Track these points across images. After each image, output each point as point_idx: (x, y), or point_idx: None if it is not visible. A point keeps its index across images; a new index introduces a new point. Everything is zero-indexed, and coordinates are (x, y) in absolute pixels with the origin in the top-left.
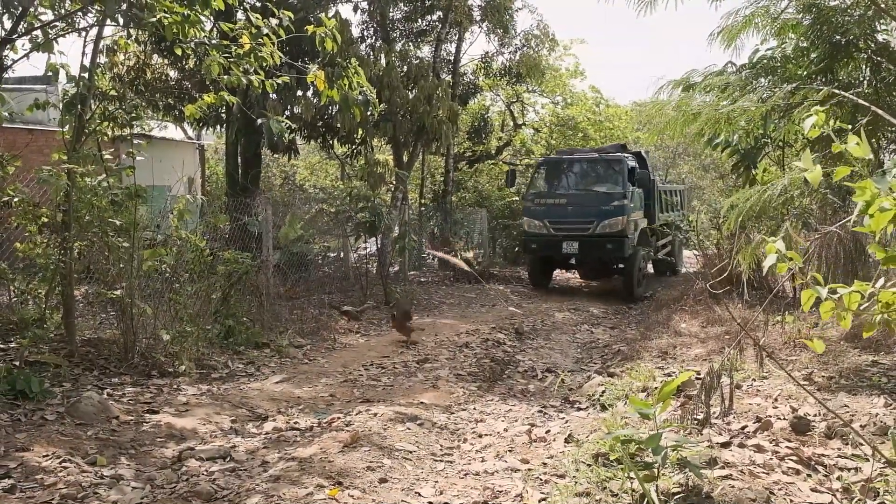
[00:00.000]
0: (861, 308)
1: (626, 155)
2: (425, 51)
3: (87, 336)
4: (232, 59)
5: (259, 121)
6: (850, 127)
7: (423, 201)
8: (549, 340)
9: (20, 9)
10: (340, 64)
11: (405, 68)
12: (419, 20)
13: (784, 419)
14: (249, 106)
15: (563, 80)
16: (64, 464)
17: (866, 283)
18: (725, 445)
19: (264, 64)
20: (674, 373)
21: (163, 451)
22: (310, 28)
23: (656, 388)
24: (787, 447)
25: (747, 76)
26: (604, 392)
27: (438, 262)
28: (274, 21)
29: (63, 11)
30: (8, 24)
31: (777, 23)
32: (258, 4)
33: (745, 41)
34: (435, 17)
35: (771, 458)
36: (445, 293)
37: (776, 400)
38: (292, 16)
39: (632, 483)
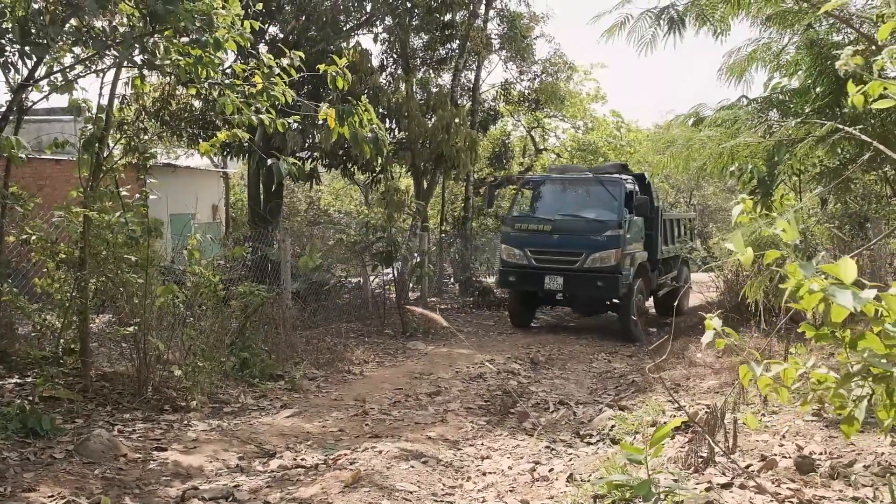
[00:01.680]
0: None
1: (624, 177)
2: (445, 78)
3: (103, 370)
4: (243, 100)
5: (269, 161)
6: (850, 162)
7: (443, 227)
8: (565, 370)
9: (34, 58)
10: (350, 101)
11: (425, 96)
12: (439, 48)
13: (789, 458)
14: (270, 137)
15: (583, 104)
16: None
17: (800, 359)
18: (727, 486)
19: (277, 102)
20: (684, 406)
21: (167, 491)
22: (321, 67)
23: (665, 422)
24: (788, 489)
25: (755, 109)
26: (613, 427)
27: (459, 288)
28: (286, 61)
29: (80, 55)
30: (25, 71)
31: (779, 59)
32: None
33: (755, 75)
34: (454, 46)
35: (771, 501)
36: (464, 321)
37: (783, 437)
38: (303, 55)
39: None
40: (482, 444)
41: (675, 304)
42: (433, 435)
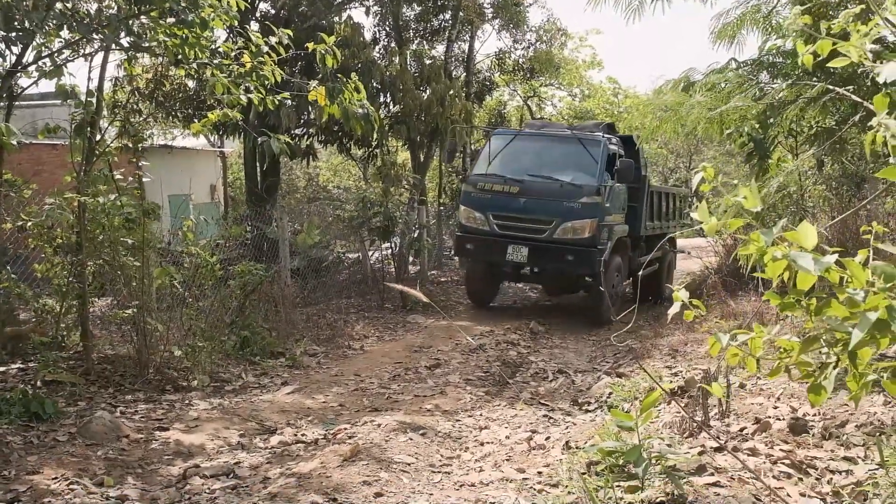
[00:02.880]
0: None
1: (607, 136)
2: (439, 50)
3: (105, 353)
4: (232, 80)
5: (260, 140)
6: (840, 124)
7: (441, 200)
8: (564, 339)
9: (20, 45)
10: (341, 79)
11: (419, 68)
12: (432, 19)
13: (783, 420)
14: (265, 115)
15: (579, 72)
16: (72, 486)
17: (766, 327)
18: (719, 450)
19: (267, 81)
20: (681, 372)
21: (169, 470)
22: (310, 45)
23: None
24: (781, 450)
25: (746, 73)
26: (611, 394)
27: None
28: (274, 39)
29: (68, 40)
30: (12, 58)
31: (770, 21)
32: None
33: (746, 37)
34: (447, 17)
35: (764, 462)
36: (464, 293)
37: (778, 399)
38: (291, 34)
39: (619, 493)
40: (481, 414)
41: (657, 287)
42: (431, 407)
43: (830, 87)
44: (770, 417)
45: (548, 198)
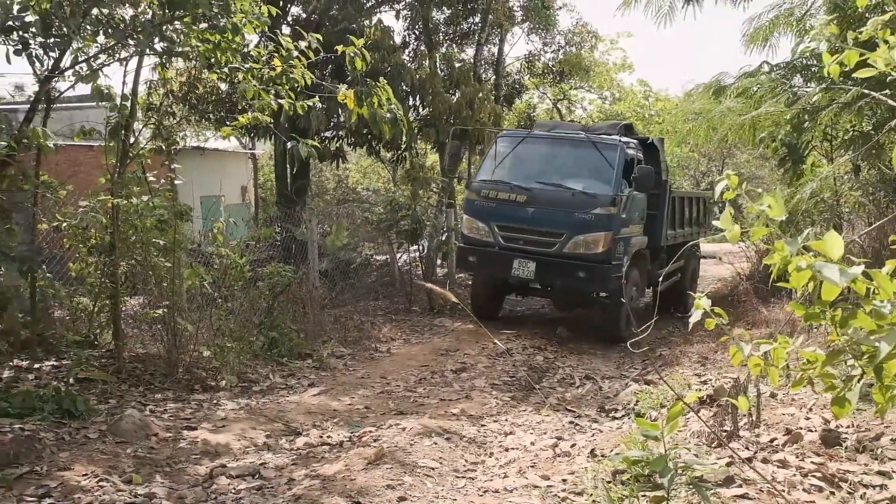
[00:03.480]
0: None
1: (624, 140)
2: (469, 53)
3: (136, 352)
4: (262, 86)
5: (290, 144)
6: (877, 128)
7: None
8: (593, 345)
9: (58, 50)
10: (370, 82)
11: (448, 71)
12: (462, 23)
13: (815, 431)
14: (295, 117)
15: (610, 74)
16: (101, 483)
17: (792, 337)
18: (749, 461)
19: (297, 85)
20: (710, 380)
21: (196, 469)
22: (340, 48)
23: (692, 402)
24: (812, 462)
25: (778, 76)
26: (638, 401)
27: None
28: (303, 43)
29: (103, 45)
30: (49, 62)
31: (803, 24)
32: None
33: (779, 40)
34: (477, 20)
35: (794, 475)
36: None
37: (810, 409)
38: (321, 38)
39: (644, 503)
40: (506, 419)
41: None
42: (457, 411)
43: (866, 91)
44: (801, 429)
45: (558, 208)
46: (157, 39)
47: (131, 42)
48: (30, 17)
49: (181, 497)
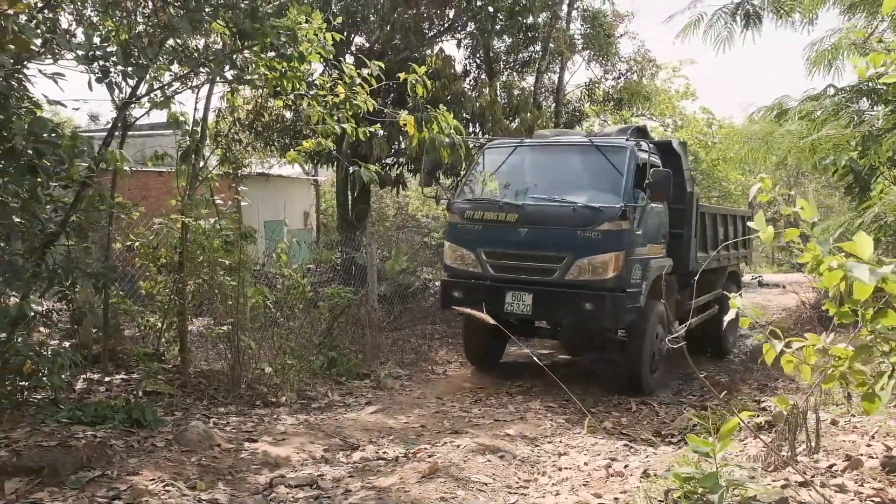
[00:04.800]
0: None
1: (634, 142)
2: (529, 81)
3: (201, 368)
4: (326, 111)
5: (352, 169)
6: None
7: None
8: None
9: (135, 78)
10: (430, 108)
11: (507, 99)
12: (522, 51)
13: (876, 458)
14: (357, 144)
15: (672, 102)
16: (167, 487)
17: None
18: (805, 485)
19: (359, 111)
20: (770, 406)
21: (256, 478)
22: (402, 75)
23: (748, 422)
24: (872, 488)
25: (843, 99)
26: (695, 426)
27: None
28: (366, 71)
29: (176, 73)
30: (127, 90)
31: (868, 46)
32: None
33: (844, 63)
34: (537, 48)
35: (852, 500)
36: None
37: (872, 437)
38: (383, 65)
39: None
40: (560, 441)
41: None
42: (512, 432)
43: None
44: (862, 455)
45: (556, 226)
46: (227, 67)
47: (203, 70)
48: (111, 48)
49: (242, 503)
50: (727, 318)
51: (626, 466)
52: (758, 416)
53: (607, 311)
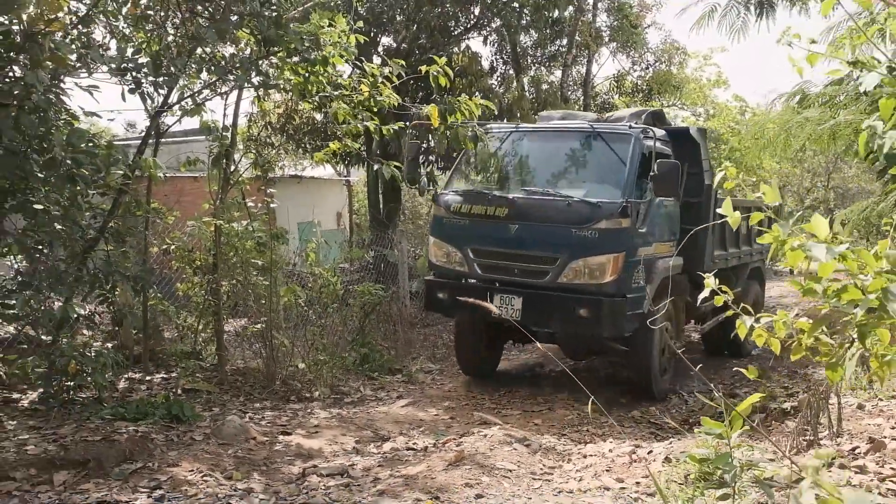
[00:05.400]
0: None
1: (641, 129)
2: (557, 75)
3: (237, 365)
4: (351, 111)
5: (375, 166)
6: None
7: None
8: (680, 361)
9: (166, 88)
10: (452, 100)
11: (536, 94)
12: (548, 45)
13: None
14: (387, 143)
15: (703, 91)
16: (205, 478)
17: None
18: (826, 467)
19: (384, 108)
20: (797, 393)
21: (290, 469)
22: (423, 68)
23: (775, 408)
24: (892, 468)
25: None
26: (721, 413)
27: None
28: (387, 69)
29: (205, 81)
30: (159, 99)
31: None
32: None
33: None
34: (564, 42)
35: (871, 480)
36: None
37: None
38: (404, 63)
39: (711, 502)
40: (587, 430)
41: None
42: (539, 422)
43: None
44: (886, 437)
45: (550, 223)
46: (253, 74)
47: (231, 77)
48: (142, 59)
49: (276, 492)
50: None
51: (649, 452)
52: (785, 402)
53: (604, 318)
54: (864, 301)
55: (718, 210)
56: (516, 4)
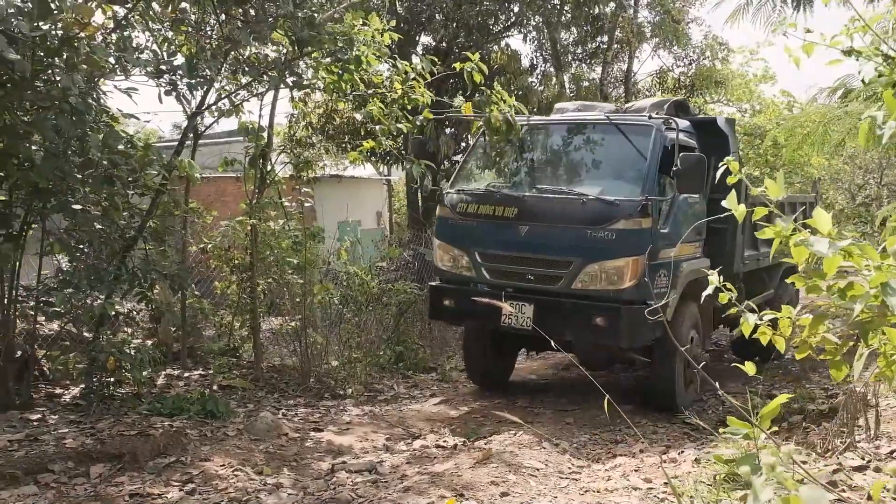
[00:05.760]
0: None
1: (662, 120)
2: (598, 72)
3: (273, 363)
4: (383, 109)
5: (407, 166)
6: None
7: None
8: (722, 361)
9: (202, 89)
10: (485, 92)
11: (576, 90)
12: (589, 42)
13: None
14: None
15: (749, 86)
16: (236, 472)
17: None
18: (860, 469)
19: (418, 104)
20: (836, 394)
21: (319, 465)
22: (457, 65)
23: (812, 409)
24: None
25: None
26: (758, 414)
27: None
28: (419, 66)
29: (241, 82)
30: (195, 101)
31: None
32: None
33: None
34: (604, 39)
35: None
36: None
37: None
38: (436, 59)
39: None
40: (619, 430)
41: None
42: (571, 421)
43: None
44: None
45: (563, 224)
46: (287, 74)
47: (265, 78)
48: (177, 61)
49: (304, 487)
50: None
51: (680, 453)
52: (822, 403)
53: (623, 328)
54: (864, 296)
55: (741, 206)
56: (556, 1)
